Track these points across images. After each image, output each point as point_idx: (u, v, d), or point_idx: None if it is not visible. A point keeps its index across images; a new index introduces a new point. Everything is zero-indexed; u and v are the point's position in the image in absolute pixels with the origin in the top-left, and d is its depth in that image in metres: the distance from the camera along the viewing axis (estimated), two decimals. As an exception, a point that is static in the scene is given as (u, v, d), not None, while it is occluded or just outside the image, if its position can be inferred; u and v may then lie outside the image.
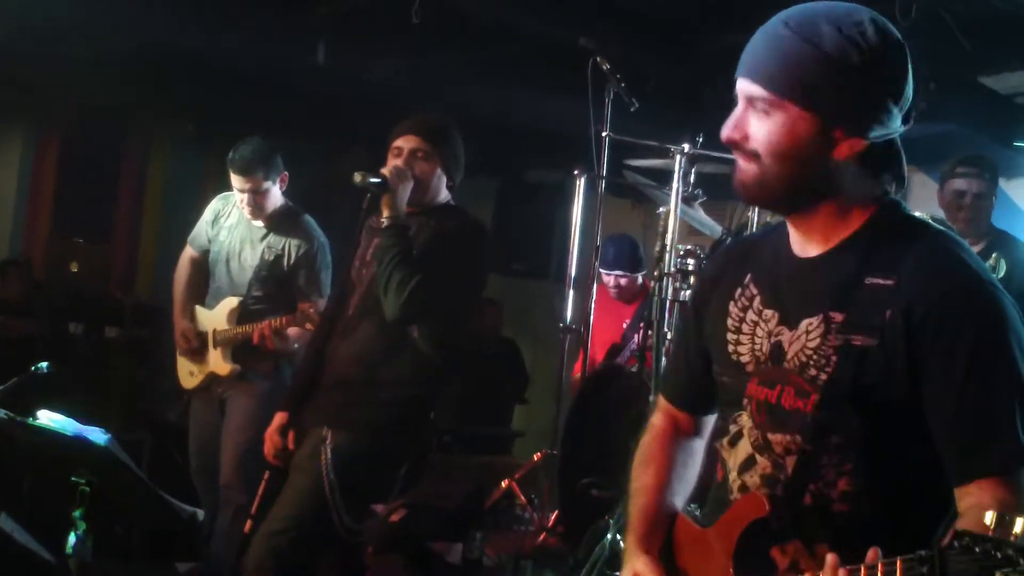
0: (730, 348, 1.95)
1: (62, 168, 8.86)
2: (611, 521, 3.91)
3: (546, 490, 4.68)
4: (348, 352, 3.66)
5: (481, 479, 4.63)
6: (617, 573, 2.09)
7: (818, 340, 1.79)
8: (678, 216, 4.29)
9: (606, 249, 5.34)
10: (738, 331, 1.94)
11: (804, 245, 1.87)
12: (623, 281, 5.65)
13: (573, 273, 5.15)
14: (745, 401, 1.91)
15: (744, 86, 1.80)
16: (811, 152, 1.76)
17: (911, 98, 1.78)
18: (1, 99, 8.02)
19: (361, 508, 3.65)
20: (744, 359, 1.92)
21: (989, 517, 1.35)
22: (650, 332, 4.33)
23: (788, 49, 1.75)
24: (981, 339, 1.70)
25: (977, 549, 1.32)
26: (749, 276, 1.96)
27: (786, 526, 1.78)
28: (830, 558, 1.56)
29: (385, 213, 3.54)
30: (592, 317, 5.01)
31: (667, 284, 4.29)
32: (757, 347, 1.90)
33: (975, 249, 4.31)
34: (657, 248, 4.32)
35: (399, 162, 3.61)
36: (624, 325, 5.48)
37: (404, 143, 3.65)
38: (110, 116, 8.26)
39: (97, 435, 2.95)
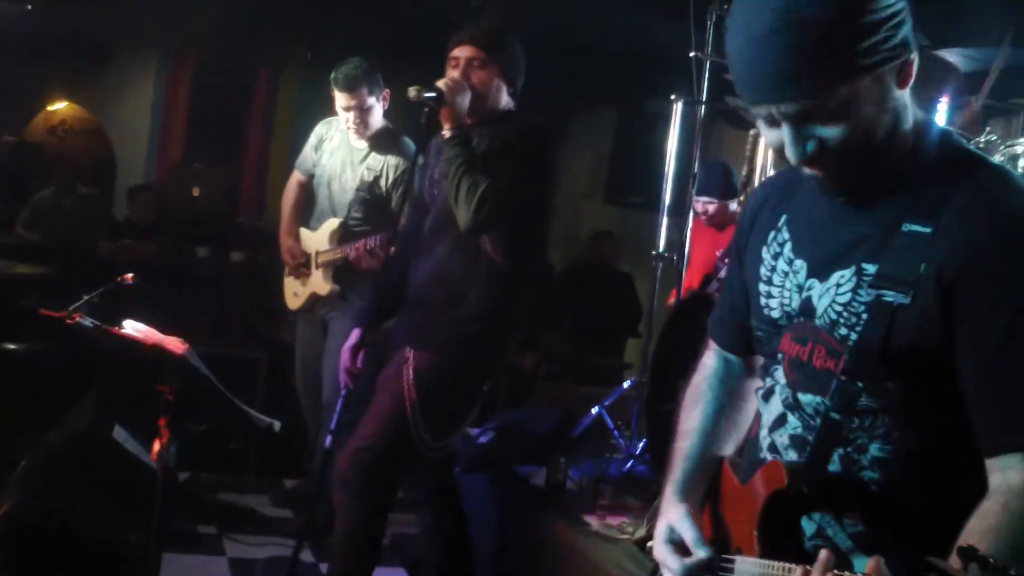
0: (762, 301, 1.82)
1: (194, 95, 9.11)
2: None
3: (635, 418, 4.64)
4: (426, 273, 3.67)
5: (573, 406, 4.62)
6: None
7: (849, 295, 1.64)
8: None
9: (698, 175, 5.07)
10: (769, 282, 1.80)
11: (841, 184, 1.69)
12: (711, 208, 5.43)
13: (668, 200, 5.03)
14: (780, 356, 1.79)
15: (784, 109, 1.55)
16: (886, 103, 1.57)
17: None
18: (136, 27, 8.26)
19: (442, 426, 3.66)
20: (775, 314, 1.79)
21: (953, 558, 1.23)
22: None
23: (790, 46, 1.50)
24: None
25: None
26: (784, 217, 1.81)
27: (814, 494, 1.67)
28: (823, 555, 1.42)
29: (446, 126, 3.50)
30: (688, 245, 4.90)
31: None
32: (785, 301, 1.76)
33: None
34: (744, 172, 4.19)
35: (456, 73, 3.56)
36: (717, 253, 5.32)
37: (460, 52, 3.59)
38: (241, 44, 8.43)
39: (175, 344, 3.03)
